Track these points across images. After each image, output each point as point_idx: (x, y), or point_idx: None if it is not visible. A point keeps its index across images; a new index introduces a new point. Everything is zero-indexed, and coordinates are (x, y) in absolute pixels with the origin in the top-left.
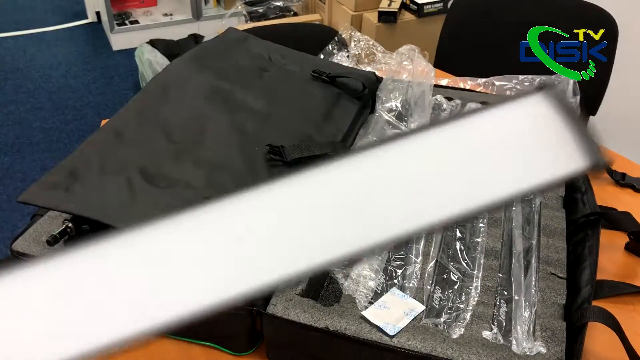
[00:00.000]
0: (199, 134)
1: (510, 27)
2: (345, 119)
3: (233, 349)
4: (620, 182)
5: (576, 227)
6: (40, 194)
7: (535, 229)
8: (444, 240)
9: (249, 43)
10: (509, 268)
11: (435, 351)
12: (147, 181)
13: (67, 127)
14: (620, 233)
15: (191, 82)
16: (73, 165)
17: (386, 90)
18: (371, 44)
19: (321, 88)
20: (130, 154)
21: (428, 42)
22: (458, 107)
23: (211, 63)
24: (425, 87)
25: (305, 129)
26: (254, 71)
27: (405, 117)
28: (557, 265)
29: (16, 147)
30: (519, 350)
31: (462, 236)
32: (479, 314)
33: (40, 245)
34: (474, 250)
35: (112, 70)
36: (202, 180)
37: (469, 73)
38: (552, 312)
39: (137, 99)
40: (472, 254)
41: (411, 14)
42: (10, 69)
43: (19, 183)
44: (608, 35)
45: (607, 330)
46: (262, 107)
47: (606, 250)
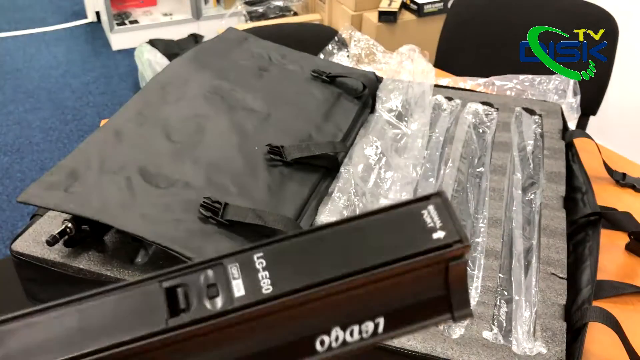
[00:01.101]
0: (199, 134)
1: (511, 27)
2: (345, 119)
3: None
4: (621, 182)
5: (576, 227)
6: (39, 194)
7: (535, 229)
8: None
9: (249, 43)
10: (509, 268)
11: (435, 351)
12: (146, 181)
13: (66, 127)
14: (621, 233)
15: (191, 82)
16: (72, 165)
17: (386, 90)
18: (371, 43)
19: (321, 88)
20: (129, 153)
21: (428, 42)
22: (458, 107)
23: (211, 63)
24: (425, 87)
25: (305, 129)
26: (253, 71)
27: (405, 117)
28: (557, 265)
29: (15, 147)
30: (519, 351)
31: None
32: (479, 314)
33: (40, 246)
34: (474, 251)
35: (111, 70)
36: (201, 180)
37: (469, 73)
38: (553, 312)
39: (136, 99)
40: (473, 254)
41: (411, 13)
42: (10, 68)
43: (19, 183)
44: (608, 35)
45: (607, 331)
46: (261, 106)
47: (606, 251)
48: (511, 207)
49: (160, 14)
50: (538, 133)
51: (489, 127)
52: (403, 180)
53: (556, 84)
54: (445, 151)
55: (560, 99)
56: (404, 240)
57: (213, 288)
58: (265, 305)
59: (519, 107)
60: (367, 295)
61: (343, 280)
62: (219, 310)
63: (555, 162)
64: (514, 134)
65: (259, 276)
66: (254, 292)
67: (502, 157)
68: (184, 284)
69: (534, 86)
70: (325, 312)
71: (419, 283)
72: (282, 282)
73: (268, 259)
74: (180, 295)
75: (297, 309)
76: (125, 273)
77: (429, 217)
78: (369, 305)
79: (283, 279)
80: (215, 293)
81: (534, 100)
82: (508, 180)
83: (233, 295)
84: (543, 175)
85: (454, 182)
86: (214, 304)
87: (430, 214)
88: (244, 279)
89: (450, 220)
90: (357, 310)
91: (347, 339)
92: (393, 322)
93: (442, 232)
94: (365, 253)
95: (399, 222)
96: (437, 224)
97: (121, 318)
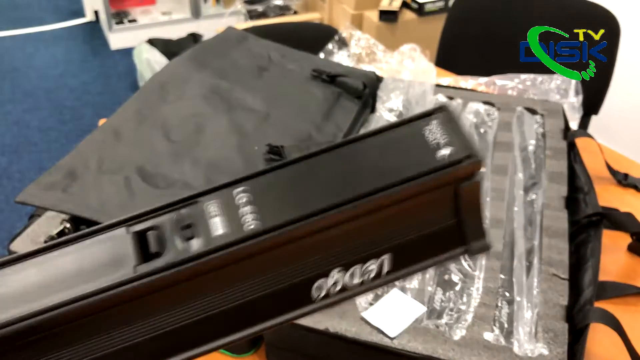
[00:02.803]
0: (198, 134)
1: (512, 25)
2: (345, 119)
3: (232, 350)
4: (623, 182)
5: (578, 227)
6: (38, 194)
7: (537, 230)
8: None
9: (249, 42)
10: (510, 269)
11: (436, 353)
12: (145, 181)
13: (65, 126)
14: (623, 234)
15: (190, 82)
16: (71, 165)
17: (387, 89)
18: (372, 43)
19: (321, 87)
20: (128, 153)
21: (429, 41)
22: (459, 107)
23: (210, 62)
24: (426, 86)
25: (305, 129)
26: (253, 70)
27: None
28: (559, 266)
29: (14, 147)
30: (520, 352)
31: None
32: (480, 316)
33: (38, 246)
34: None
35: (110, 69)
36: (201, 180)
37: (470, 72)
38: (554, 313)
39: (135, 98)
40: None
41: (412, 12)
42: (8, 68)
43: (17, 183)
44: (609, 35)
45: (609, 332)
46: (261, 106)
47: (608, 251)
48: (513, 208)
49: (159, 13)
50: (540, 133)
51: (490, 126)
52: None
53: (558, 83)
54: None
55: (562, 98)
56: (404, 161)
57: (188, 230)
58: (247, 243)
59: (521, 106)
60: (367, 228)
61: (337, 209)
62: (195, 252)
63: (557, 162)
64: (516, 134)
65: (239, 212)
66: (234, 229)
67: (503, 157)
68: (156, 226)
69: (535, 86)
70: (320, 250)
71: (426, 211)
72: (267, 217)
73: (252, 193)
74: (152, 239)
75: (286, 248)
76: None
77: (433, 134)
78: (371, 241)
79: (268, 213)
80: (191, 234)
81: (535, 100)
82: (509, 180)
83: (210, 234)
84: (545, 176)
85: None
86: (190, 246)
87: (434, 130)
88: (223, 216)
89: (457, 135)
90: (357, 247)
91: (347, 283)
92: (399, 260)
93: (449, 149)
94: (361, 179)
95: (399, 143)
96: (442, 140)
97: (84, 269)
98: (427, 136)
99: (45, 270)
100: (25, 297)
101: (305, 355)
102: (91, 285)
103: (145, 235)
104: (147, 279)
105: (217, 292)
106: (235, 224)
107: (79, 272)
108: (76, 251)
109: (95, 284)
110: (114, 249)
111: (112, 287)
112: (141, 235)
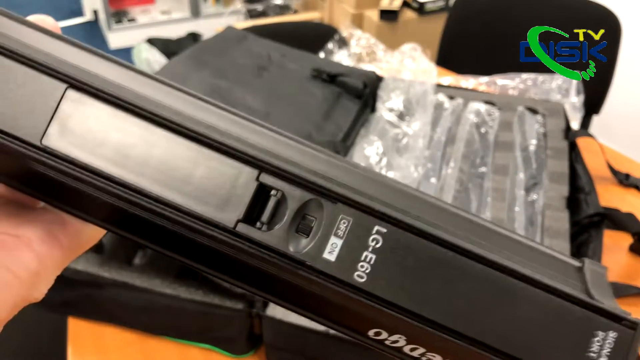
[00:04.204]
0: None
1: (513, 25)
2: (345, 119)
3: (232, 351)
4: (624, 182)
5: (579, 228)
6: None
7: (538, 230)
8: None
9: (248, 41)
10: None
11: None
12: None
13: None
14: (624, 234)
15: (189, 81)
16: None
17: (387, 89)
18: (372, 42)
19: (321, 87)
20: None
21: (430, 40)
22: (460, 107)
23: (209, 61)
24: (427, 86)
25: (305, 129)
26: (253, 70)
27: (406, 117)
28: None
29: None
30: None
31: None
32: None
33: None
34: None
35: None
36: None
37: (471, 72)
38: None
39: None
40: None
41: (413, 12)
42: None
43: None
44: (609, 35)
45: None
46: (261, 106)
47: (610, 252)
48: (514, 208)
49: (158, 13)
50: (541, 133)
51: (491, 126)
52: (404, 181)
53: (559, 83)
54: (447, 151)
55: (564, 98)
56: (546, 346)
57: (306, 224)
58: (342, 290)
59: (522, 106)
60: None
61: (443, 334)
62: (292, 255)
63: (558, 162)
64: (517, 134)
65: (363, 254)
66: (344, 268)
67: (504, 157)
68: (283, 191)
69: (536, 85)
70: (400, 328)
71: None
72: (379, 280)
73: (387, 242)
74: (271, 204)
75: (373, 311)
76: (123, 274)
77: (601, 344)
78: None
79: (383, 278)
80: (306, 232)
81: (536, 99)
82: (510, 180)
83: (321, 252)
84: (546, 176)
85: (455, 182)
86: (295, 242)
87: (607, 342)
88: (345, 244)
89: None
90: (434, 347)
91: (405, 351)
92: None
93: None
94: (492, 325)
95: (559, 319)
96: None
97: (196, 178)
98: (593, 341)
99: (160, 145)
100: (143, 169)
101: (304, 357)
102: (198, 208)
103: (269, 194)
104: (234, 240)
105: (285, 294)
106: (349, 263)
107: (188, 178)
108: (198, 153)
109: (199, 208)
110: (232, 183)
111: (209, 225)
112: (264, 192)
